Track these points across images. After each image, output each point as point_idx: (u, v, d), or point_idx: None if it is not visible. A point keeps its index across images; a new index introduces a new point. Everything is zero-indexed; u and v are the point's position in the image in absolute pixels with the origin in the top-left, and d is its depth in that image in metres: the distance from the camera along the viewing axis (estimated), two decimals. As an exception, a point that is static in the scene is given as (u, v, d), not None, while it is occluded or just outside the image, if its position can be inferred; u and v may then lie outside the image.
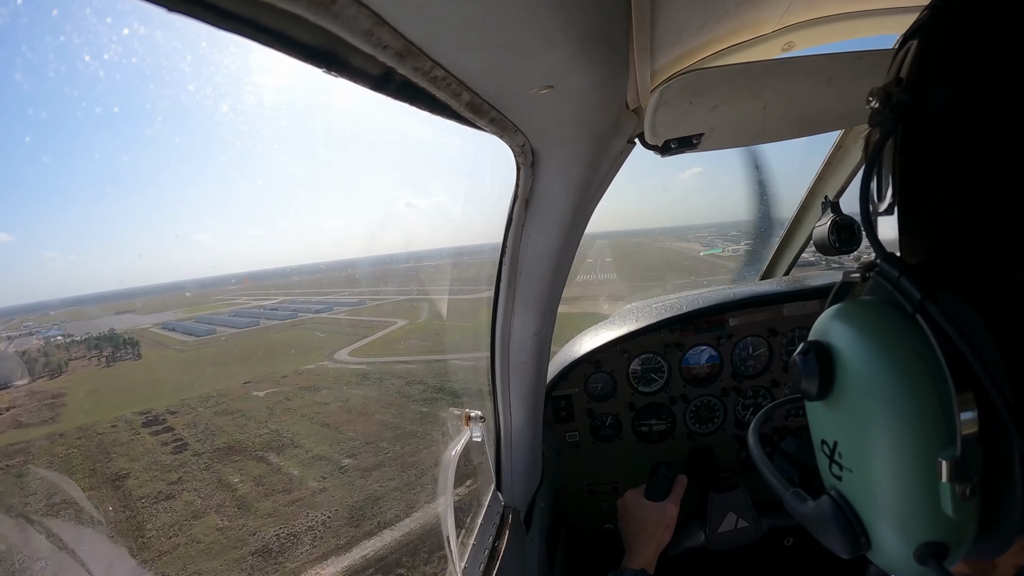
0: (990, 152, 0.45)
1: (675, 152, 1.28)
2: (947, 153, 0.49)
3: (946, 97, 0.48)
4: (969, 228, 0.47)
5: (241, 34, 0.50)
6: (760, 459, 0.76)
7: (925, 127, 0.50)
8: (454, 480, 1.72)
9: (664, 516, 1.93)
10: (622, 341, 2.45)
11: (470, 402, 1.89)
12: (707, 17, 1.00)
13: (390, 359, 42.78)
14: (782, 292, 2.50)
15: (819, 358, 0.54)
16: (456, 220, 2.04)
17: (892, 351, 0.48)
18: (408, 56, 0.62)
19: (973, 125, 0.46)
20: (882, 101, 0.53)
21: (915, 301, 0.47)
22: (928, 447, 0.46)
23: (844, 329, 0.53)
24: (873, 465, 0.50)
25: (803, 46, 1.22)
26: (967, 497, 0.45)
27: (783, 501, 0.66)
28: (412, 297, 62.51)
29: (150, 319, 71.07)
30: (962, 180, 0.47)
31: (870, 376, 0.50)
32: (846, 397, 0.52)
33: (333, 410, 30.94)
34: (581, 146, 1.16)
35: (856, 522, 0.54)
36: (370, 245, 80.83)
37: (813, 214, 2.96)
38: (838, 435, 0.55)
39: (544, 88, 0.84)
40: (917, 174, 0.52)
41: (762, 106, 1.18)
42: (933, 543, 0.48)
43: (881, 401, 0.48)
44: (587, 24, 0.73)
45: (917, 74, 0.51)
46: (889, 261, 0.51)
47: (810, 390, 0.55)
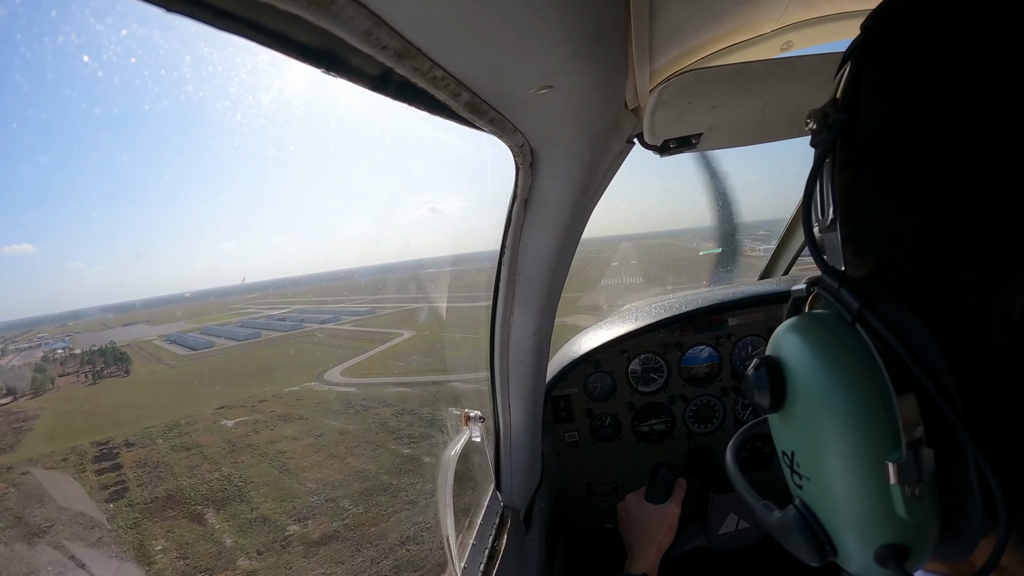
0: (920, 160, 0.47)
1: (674, 152, 1.28)
2: (880, 167, 0.50)
3: (876, 112, 0.50)
4: (905, 237, 0.48)
5: (239, 34, 0.50)
6: (734, 476, 0.77)
7: (860, 143, 0.52)
8: (453, 480, 1.73)
9: (666, 518, 1.93)
10: (621, 341, 2.45)
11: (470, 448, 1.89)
12: (706, 17, 1.00)
13: (384, 380, 38.68)
14: (781, 292, 2.50)
15: (769, 372, 0.55)
16: (472, 223, 2.04)
17: (835, 360, 0.50)
18: (407, 56, 0.62)
19: (902, 137, 0.48)
20: (819, 122, 0.56)
21: (853, 310, 0.49)
22: (875, 451, 0.47)
23: (791, 341, 0.54)
24: (827, 473, 0.52)
25: (802, 46, 1.22)
26: (917, 497, 0.46)
27: (753, 513, 0.68)
28: (423, 305, 57.53)
29: (158, 330, 67.99)
30: (896, 191, 0.49)
31: (815, 385, 0.51)
32: (797, 408, 0.53)
33: (300, 448, 26.77)
34: (580, 146, 1.16)
35: (820, 530, 0.55)
36: (388, 252, 79.97)
37: (812, 214, 2.96)
38: (795, 445, 0.56)
39: (543, 88, 0.85)
40: (855, 188, 0.53)
41: (761, 106, 1.18)
42: (892, 545, 0.49)
43: (828, 409, 0.50)
44: (585, 24, 0.73)
45: (851, 93, 0.53)
46: (829, 274, 0.52)
47: (763, 403, 0.56)
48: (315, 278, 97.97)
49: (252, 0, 0.44)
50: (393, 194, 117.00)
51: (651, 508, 1.97)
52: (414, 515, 18.17)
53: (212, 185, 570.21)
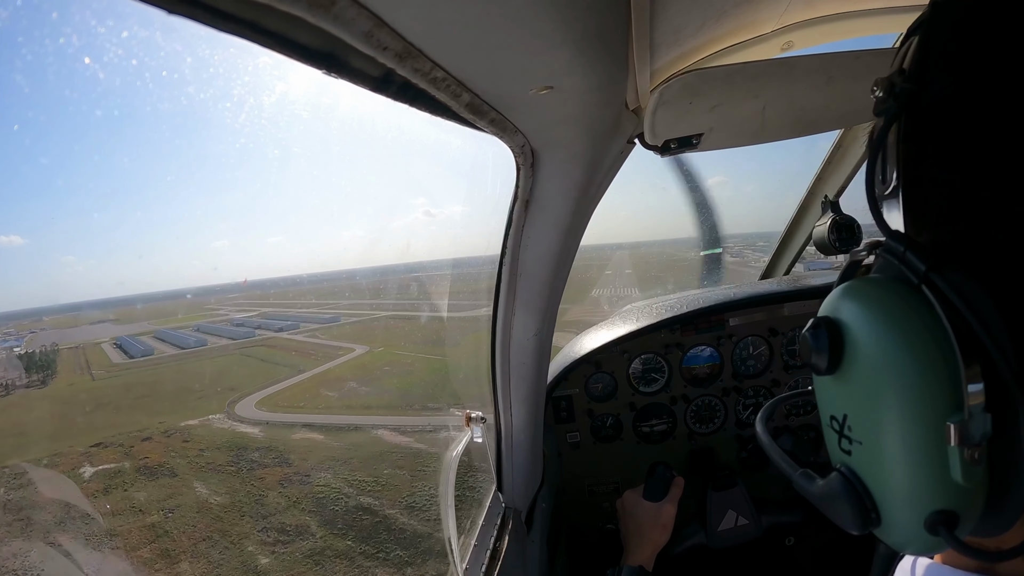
0: (986, 135, 0.47)
1: (674, 152, 1.28)
2: (947, 137, 0.50)
3: (945, 85, 0.50)
4: (971, 206, 0.49)
5: (241, 36, 0.50)
6: (769, 446, 0.76)
7: (926, 114, 0.52)
8: (455, 481, 1.73)
9: (661, 516, 1.94)
10: (622, 341, 2.45)
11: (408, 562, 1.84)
12: (706, 17, 1.00)
13: (302, 418, 29.60)
14: (782, 292, 2.50)
15: (829, 333, 0.55)
16: (459, 225, 2.04)
17: (899, 322, 0.49)
18: (408, 57, 0.63)
19: (970, 110, 0.48)
20: (886, 90, 0.55)
21: (920, 273, 0.49)
22: (936, 413, 0.47)
23: (852, 304, 0.54)
24: (883, 435, 0.51)
25: (802, 46, 1.22)
26: (975, 462, 0.46)
27: (792, 482, 0.67)
28: (392, 314, 55.26)
29: (118, 331, 61.02)
30: (962, 161, 0.49)
31: (878, 348, 0.51)
32: (855, 370, 0.53)
33: (135, 532, 19.15)
34: (581, 146, 1.16)
35: (866, 496, 0.55)
36: (389, 253, 79.18)
37: (813, 213, 2.97)
38: (848, 409, 0.56)
39: (544, 89, 0.85)
40: (920, 158, 0.53)
41: (761, 106, 1.18)
42: (943, 511, 0.49)
43: (889, 371, 0.50)
44: (586, 24, 0.73)
45: (919, 65, 0.53)
46: (894, 237, 0.52)
47: (820, 364, 0.56)
48: (316, 277, 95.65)
49: (253, 2, 0.44)
50: (392, 196, 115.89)
51: (647, 506, 1.98)
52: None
53: (212, 185, 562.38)
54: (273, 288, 73.20)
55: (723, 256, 3.98)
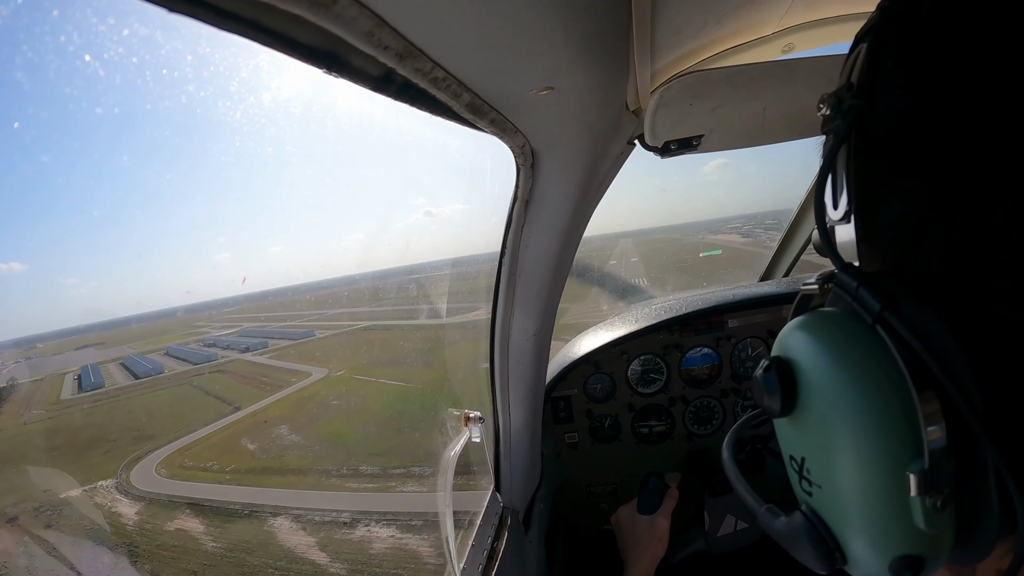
0: (945, 154, 0.44)
1: (675, 153, 1.28)
2: (902, 157, 0.47)
3: (897, 100, 0.47)
4: (929, 234, 0.46)
5: (242, 35, 0.50)
6: (733, 475, 0.73)
7: (878, 132, 0.49)
8: (453, 481, 1.73)
9: (655, 529, 1.93)
10: (621, 342, 2.45)
11: None
12: (707, 18, 1.00)
13: (208, 490, 20.43)
14: (781, 293, 2.50)
15: (780, 374, 0.52)
16: (459, 225, 2.03)
17: (853, 364, 0.47)
18: (409, 57, 0.62)
19: (927, 128, 0.45)
20: (833, 107, 0.52)
21: (874, 312, 0.46)
22: (895, 461, 0.45)
23: (805, 342, 0.52)
24: (842, 481, 0.49)
25: (803, 48, 1.22)
26: (939, 510, 0.44)
27: (756, 518, 0.65)
28: (379, 323, 48.28)
29: (95, 356, 57.09)
30: (919, 185, 0.46)
31: (832, 390, 0.48)
32: (810, 413, 0.51)
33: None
34: (581, 147, 1.16)
35: (829, 537, 0.53)
36: (375, 258, 77.85)
37: (812, 215, 2.97)
38: (805, 451, 0.54)
39: (544, 89, 0.85)
40: (873, 181, 0.50)
41: (762, 108, 1.18)
42: (908, 556, 0.47)
43: (845, 415, 0.47)
44: (587, 25, 0.73)
45: (868, 77, 0.50)
46: (847, 271, 0.50)
47: (773, 407, 0.54)
48: (316, 285, 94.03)
49: (254, 0, 0.44)
50: (393, 197, 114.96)
51: (640, 520, 1.97)
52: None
53: (213, 186, 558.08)
54: (274, 296, 69.24)
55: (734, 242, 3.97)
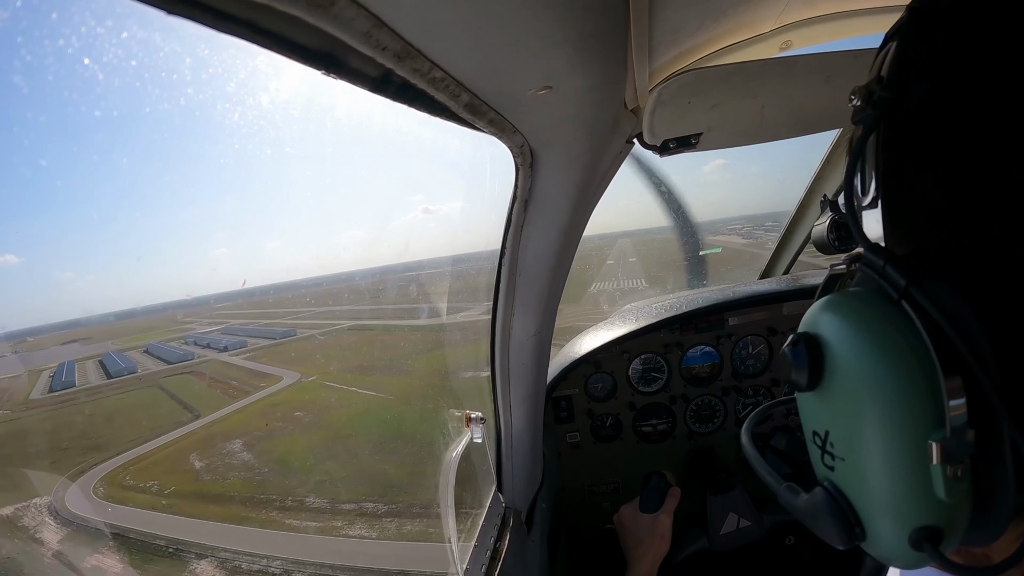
0: (968, 144, 0.46)
1: (673, 152, 1.28)
2: (927, 146, 0.50)
3: (924, 93, 0.50)
4: (952, 217, 0.48)
5: (240, 36, 0.50)
6: (753, 457, 0.75)
7: (905, 122, 0.51)
8: (455, 481, 1.73)
9: (657, 528, 1.93)
10: (622, 341, 2.45)
11: None
12: (705, 17, 1.00)
13: (149, 523, 17.74)
14: (781, 291, 2.50)
15: (808, 349, 0.54)
16: (458, 224, 2.02)
17: (879, 338, 0.49)
18: (407, 57, 0.62)
19: (950, 118, 0.48)
20: (864, 99, 0.54)
21: (900, 288, 0.48)
22: (918, 430, 0.46)
23: (832, 319, 0.53)
24: (865, 452, 0.51)
25: (801, 45, 1.22)
26: (958, 479, 0.46)
27: (777, 496, 0.67)
28: (365, 323, 46.04)
29: (79, 351, 55.31)
30: (942, 171, 0.48)
31: (859, 364, 0.50)
32: (836, 386, 0.53)
33: None
34: (580, 146, 1.16)
35: (850, 512, 0.54)
36: (374, 255, 77.76)
37: (812, 213, 2.97)
38: (829, 425, 0.55)
39: (542, 89, 0.85)
40: (899, 168, 0.53)
41: (760, 105, 1.18)
42: (928, 527, 0.48)
43: (870, 388, 0.49)
44: (585, 24, 0.73)
45: (897, 72, 0.52)
46: (874, 251, 0.52)
47: (800, 381, 0.55)
48: (313, 281, 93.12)
49: (252, 2, 0.44)
50: (392, 196, 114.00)
51: (643, 519, 1.97)
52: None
53: (213, 187, 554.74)
54: (276, 292, 68.06)
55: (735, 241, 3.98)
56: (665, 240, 18.06)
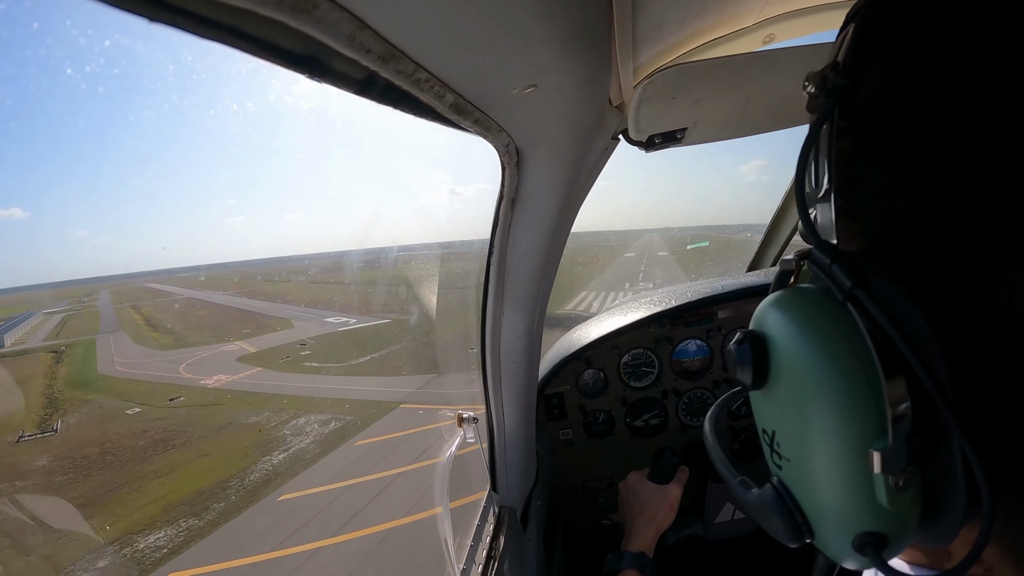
0: (923, 135, 0.45)
1: (659, 147, 1.28)
2: (882, 137, 0.48)
3: (881, 81, 0.48)
4: (905, 212, 0.47)
5: (223, 42, 0.49)
6: (713, 448, 0.75)
7: (860, 111, 0.50)
8: (449, 482, 1.73)
9: (667, 497, 1.91)
10: (611, 337, 2.46)
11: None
12: (688, 12, 1.00)
13: None
14: (769, 283, 2.51)
15: (753, 347, 0.54)
16: (459, 222, 2.02)
17: (822, 340, 0.48)
18: (391, 59, 0.62)
19: (907, 110, 0.46)
20: (818, 85, 0.53)
21: (845, 289, 0.47)
22: (860, 438, 0.46)
23: (777, 317, 0.53)
24: (808, 456, 0.50)
25: (784, 38, 1.23)
26: (900, 488, 0.45)
27: (730, 489, 0.66)
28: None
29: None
30: (897, 165, 0.47)
31: (801, 365, 0.49)
32: (781, 386, 0.52)
33: None
34: (566, 144, 1.16)
35: (797, 512, 0.54)
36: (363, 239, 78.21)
37: (798, 203, 2.98)
38: (775, 425, 0.55)
39: (527, 87, 0.85)
40: (853, 159, 0.51)
41: (744, 99, 1.19)
42: (871, 533, 0.48)
43: (813, 391, 0.48)
44: (568, 22, 0.73)
45: (854, 58, 0.51)
46: (822, 248, 0.51)
47: (745, 380, 0.55)
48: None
49: (234, 7, 0.44)
50: (377, 196, 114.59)
51: (653, 487, 1.95)
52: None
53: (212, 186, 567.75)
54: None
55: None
56: (695, 237, 17.57)
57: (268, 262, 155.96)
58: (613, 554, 1.77)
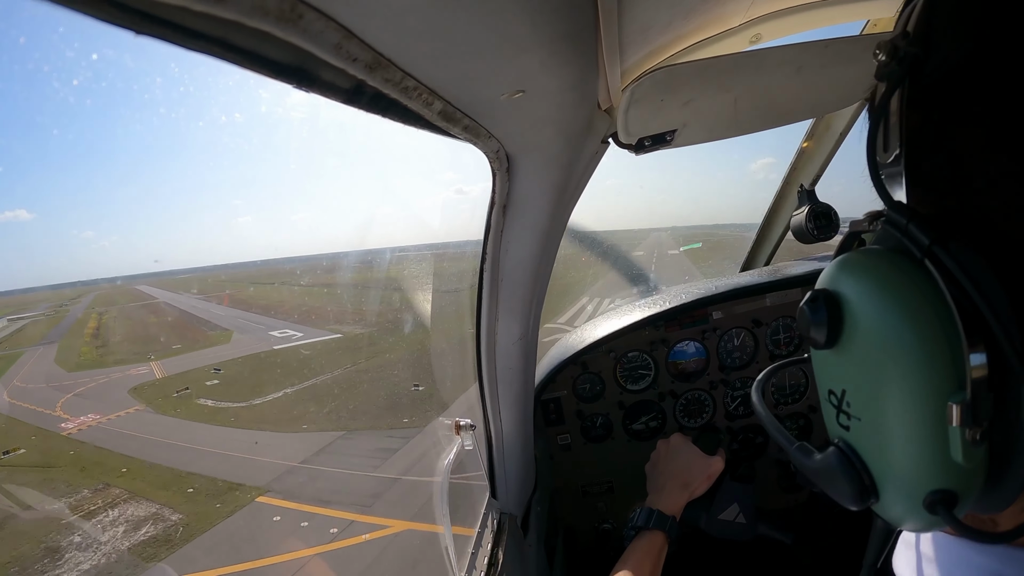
0: (998, 107, 0.45)
1: (649, 150, 1.28)
2: (955, 107, 0.49)
3: (953, 51, 0.48)
4: (977, 181, 0.47)
5: (211, 54, 0.49)
6: (766, 418, 0.76)
7: (932, 80, 0.50)
8: (448, 491, 1.72)
9: (710, 466, 1.92)
10: (607, 340, 2.46)
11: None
12: (674, 14, 1.00)
13: None
14: (764, 283, 2.51)
15: (827, 306, 0.54)
16: (452, 227, 2.02)
17: (901, 297, 0.48)
18: (378, 68, 0.62)
19: (981, 80, 0.46)
20: (889, 54, 0.53)
21: (924, 247, 0.48)
22: (938, 392, 0.46)
23: (852, 277, 0.53)
24: (882, 412, 0.51)
25: (771, 38, 1.23)
26: (976, 442, 0.45)
27: (790, 455, 0.66)
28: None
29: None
30: (971, 132, 0.47)
31: (879, 322, 0.49)
32: (854, 345, 0.52)
33: None
34: (556, 149, 1.16)
35: (864, 472, 0.54)
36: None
37: (789, 203, 2.99)
38: (846, 383, 0.55)
39: (516, 93, 0.85)
40: (925, 128, 0.52)
41: (733, 99, 1.19)
42: (943, 491, 0.48)
43: (890, 347, 0.48)
44: (555, 26, 0.73)
45: (924, 28, 0.51)
46: (897, 209, 0.51)
47: (818, 338, 0.55)
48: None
49: (220, 19, 0.43)
50: (374, 203, 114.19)
51: (699, 452, 1.96)
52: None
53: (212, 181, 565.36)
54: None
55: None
56: (706, 234, 16.68)
57: (279, 262, 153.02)
58: (642, 508, 1.74)
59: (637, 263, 27.29)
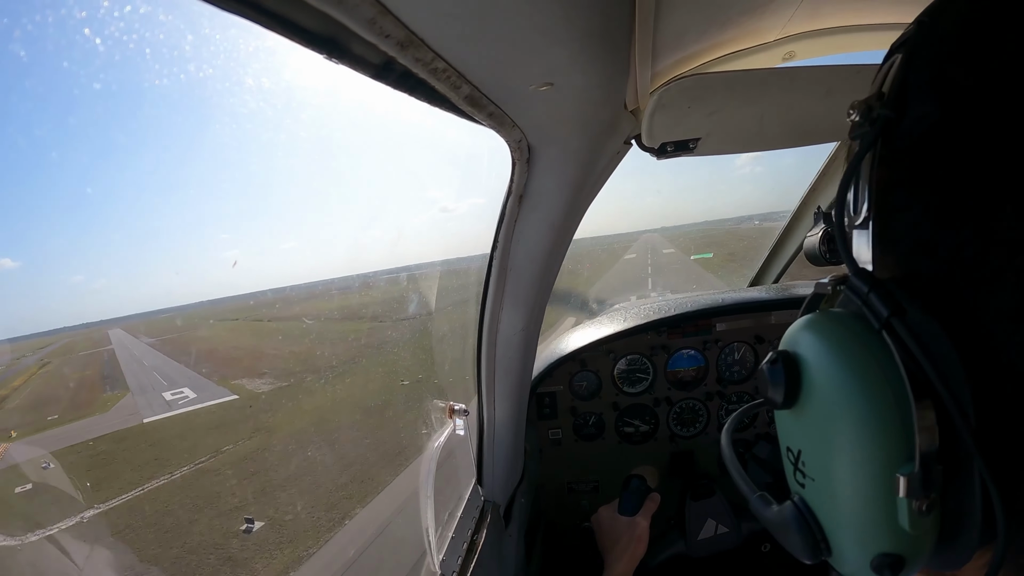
0: (966, 173, 0.45)
1: (671, 155, 1.28)
2: (924, 171, 0.48)
3: (926, 114, 0.48)
4: (941, 248, 0.47)
5: (243, 15, 0.50)
6: (731, 462, 0.76)
7: (904, 143, 0.50)
8: (434, 472, 1.73)
9: (635, 530, 1.93)
10: (608, 341, 2.46)
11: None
12: (710, 23, 1.00)
13: None
14: (770, 300, 2.51)
15: (786, 367, 0.54)
16: (467, 220, 2.02)
17: (856, 365, 0.49)
18: (409, 46, 0.62)
19: (951, 144, 0.46)
20: (862, 114, 0.53)
21: (882, 318, 0.48)
22: (887, 462, 0.46)
23: (812, 340, 0.53)
24: (834, 476, 0.51)
25: (804, 56, 1.22)
26: (923, 512, 0.46)
27: (749, 504, 0.67)
28: None
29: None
30: (938, 199, 0.47)
31: (834, 388, 0.50)
32: (811, 407, 0.53)
33: None
34: (577, 145, 1.16)
35: (817, 529, 0.55)
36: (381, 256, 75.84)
37: (804, 224, 2.98)
38: (802, 444, 0.56)
39: (544, 85, 0.85)
40: (893, 189, 0.51)
41: (760, 114, 1.19)
42: (890, 554, 0.49)
43: (843, 414, 0.49)
44: (590, 23, 0.73)
45: (899, 89, 0.51)
46: (859, 276, 0.51)
47: (776, 399, 0.55)
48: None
49: None
50: (385, 193, 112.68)
51: (621, 520, 1.97)
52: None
53: (211, 182, 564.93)
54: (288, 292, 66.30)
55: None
56: (703, 232, 15.98)
57: (272, 292, 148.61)
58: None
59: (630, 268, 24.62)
